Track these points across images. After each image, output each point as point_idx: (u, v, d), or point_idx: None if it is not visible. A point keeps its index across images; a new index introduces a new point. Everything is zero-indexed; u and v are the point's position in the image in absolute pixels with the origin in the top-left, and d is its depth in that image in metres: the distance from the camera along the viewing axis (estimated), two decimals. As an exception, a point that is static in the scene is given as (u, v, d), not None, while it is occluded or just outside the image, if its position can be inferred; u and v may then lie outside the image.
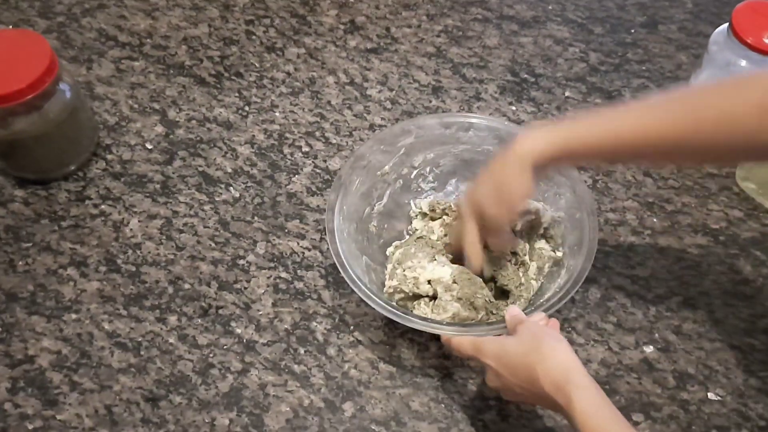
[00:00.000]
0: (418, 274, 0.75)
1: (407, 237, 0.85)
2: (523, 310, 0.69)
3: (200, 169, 0.93)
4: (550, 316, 0.70)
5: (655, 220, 0.90)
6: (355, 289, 0.72)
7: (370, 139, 0.85)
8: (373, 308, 0.72)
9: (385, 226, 0.85)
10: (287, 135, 0.96)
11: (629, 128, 0.65)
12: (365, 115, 0.99)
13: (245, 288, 0.83)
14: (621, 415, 0.59)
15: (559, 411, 0.62)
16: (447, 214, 0.84)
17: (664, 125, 0.63)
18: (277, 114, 0.99)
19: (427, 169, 0.87)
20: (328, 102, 1.00)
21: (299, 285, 0.83)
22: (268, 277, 0.83)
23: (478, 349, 0.67)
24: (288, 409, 0.75)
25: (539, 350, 0.62)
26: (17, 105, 0.80)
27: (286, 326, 0.80)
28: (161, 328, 0.79)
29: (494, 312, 0.77)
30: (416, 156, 0.86)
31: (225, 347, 0.78)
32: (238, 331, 0.79)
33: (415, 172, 0.87)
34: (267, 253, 0.85)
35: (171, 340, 0.78)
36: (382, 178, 0.85)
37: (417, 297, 0.76)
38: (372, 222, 0.84)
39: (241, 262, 0.85)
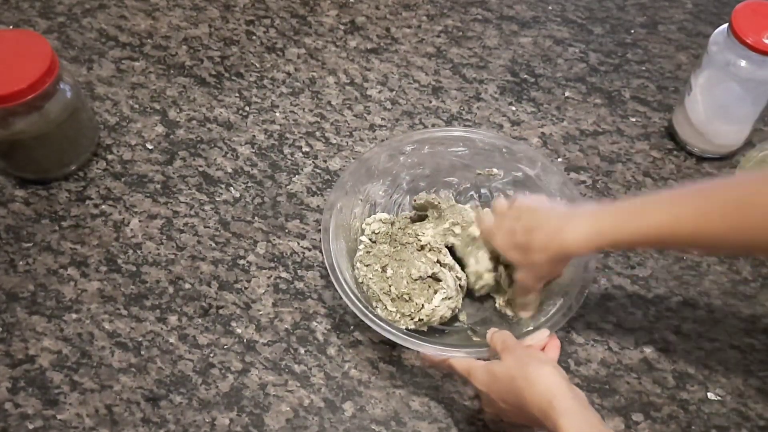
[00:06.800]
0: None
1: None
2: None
3: (201, 169, 0.93)
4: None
5: (654, 220, 0.90)
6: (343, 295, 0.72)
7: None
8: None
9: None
10: (287, 135, 0.96)
11: (675, 219, 0.64)
12: (365, 115, 0.99)
13: (245, 288, 0.83)
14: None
15: None
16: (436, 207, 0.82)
17: (695, 220, 0.63)
18: (277, 114, 0.99)
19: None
20: (329, 102, 1.00)
21: (299, 285, 0.83)
22: (269, 277, 0.84)
23: (470, 375, 0.68)
24: (288, 408, 0.75)
25: (525, 376, 0.63)
26: (18, 105, 0.80)
27: (286, 326, 0.80)
28: (162, 328, 0.79)
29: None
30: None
31: (225, 347, 0.78)
32: (239, 331, 0.80)
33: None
34: (267, 253, 0.85)
35: (171, 340, 0.79)
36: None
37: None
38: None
39: (242, 262, 0.85)
